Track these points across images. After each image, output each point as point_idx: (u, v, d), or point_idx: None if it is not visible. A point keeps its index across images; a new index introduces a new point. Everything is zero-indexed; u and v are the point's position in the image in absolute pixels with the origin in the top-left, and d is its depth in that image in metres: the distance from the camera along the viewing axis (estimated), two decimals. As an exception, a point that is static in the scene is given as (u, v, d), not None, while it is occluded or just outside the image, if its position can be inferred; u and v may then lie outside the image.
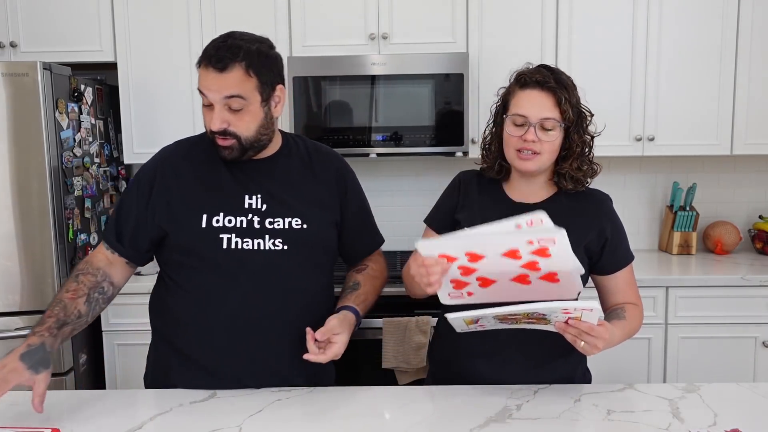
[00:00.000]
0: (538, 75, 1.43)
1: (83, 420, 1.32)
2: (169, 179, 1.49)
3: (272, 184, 1.50)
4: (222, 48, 1.39)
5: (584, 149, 1.47)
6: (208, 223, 1.44)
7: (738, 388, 1.45)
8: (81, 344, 2.55)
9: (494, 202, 1.53)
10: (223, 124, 1.40)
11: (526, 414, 1.32)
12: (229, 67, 1.38)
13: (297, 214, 1.48)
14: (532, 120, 1.41)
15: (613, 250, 1.51)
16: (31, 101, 2.35)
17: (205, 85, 1.40)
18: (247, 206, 1.47)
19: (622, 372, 2.57)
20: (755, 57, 2.74)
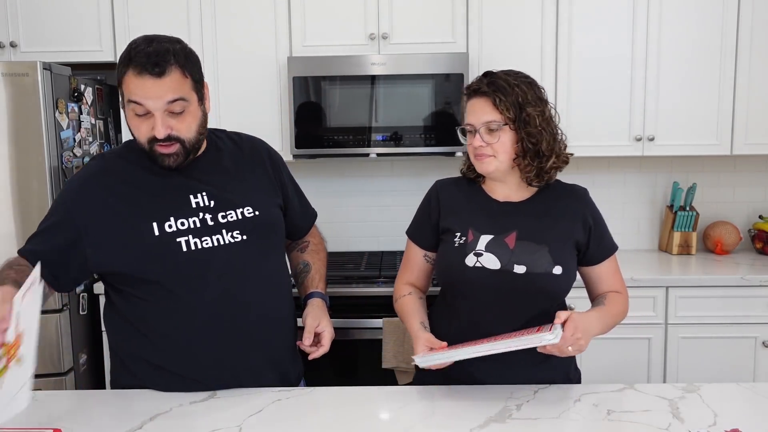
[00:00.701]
0: (475, 84, 1.51)
1: (83, 420, 1.32)
2: (102, 201, 1.42)
3: (213, 179, 1.49)
4: (152, 54, 1.34)
5: (533, 143, 1.48)
6: (161, 230, 1.40)
7: (738, 388, 1.44)
8: (81, 344, 2.55)
9: (480, 205, 1.56)
10: (168, 129, 1.37)
11: (526, 414, 1.32)
12: (167, 71, 1.34)
13: (247, 203, 1.49)
14: (476, 126, 1.48)
15: (598, 240, 1.56)
16: (31, 101, 2.35)
17: (142, 94, 1.34)
18: (195, 206, 1.45)
19: (622, 372, 2.57)
20: (755, 57, 2.74)
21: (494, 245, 1.48)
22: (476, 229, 1.51)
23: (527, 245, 1.48)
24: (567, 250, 1.51)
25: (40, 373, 2.38)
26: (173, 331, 1.43)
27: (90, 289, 2.60)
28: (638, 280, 2.55)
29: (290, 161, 2.83)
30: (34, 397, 1.44)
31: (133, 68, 1.34)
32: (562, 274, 1.47)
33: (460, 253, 1.49)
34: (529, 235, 1.49)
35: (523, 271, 1.46)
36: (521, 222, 1.51)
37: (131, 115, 1.39)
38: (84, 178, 1.47)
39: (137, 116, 1.38)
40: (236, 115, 2.78)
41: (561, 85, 2.77)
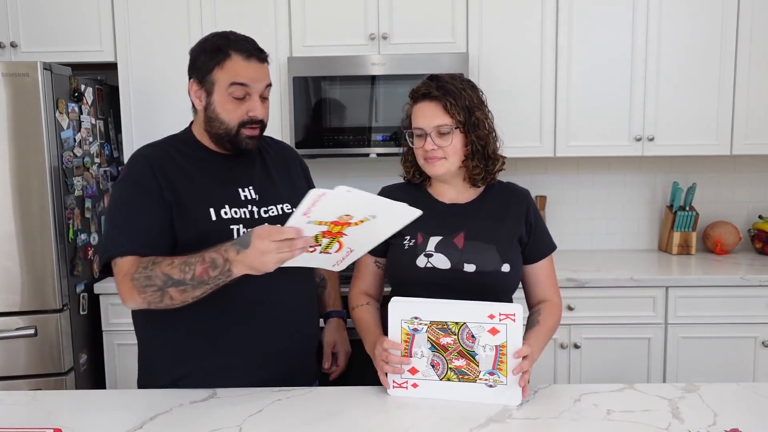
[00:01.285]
0: (423, 88, 1.53)
1: (83, 420, 1.32)
2: (168, 178, 1.47)
3: (257, 175, 1.56)
4: (252, 42, 1.48)
5: (482, 145, 1.54)
6: (218, 216, 1.46)
7: (738, 388, 1.45)
8: (81, 344, 2.55)
9: (428, 208, 1.56)
10: (261, 109, 1.49)
11: (526, 414, 1.32)
12: (265, 60, 1.50)
13: (286, 200, 1.56)
14: (427, 129, 1.51)
15: (538, 238, 1.61)
16: (32, 101, 2.35)
17: (249, 76, 1.45)
18: (243, 198, 1.51)
19: (622, 372, 2.57)
20: (755, 57, 2.74)
21: (443, 246, 1.52)
22: (425, 231, 1.54)
23: (476, 245, 1.52)
24: (513, 248, 1.56)
25: (41, 373, 2.40)
26: (219, 317, 1.47)
27: (90, 289, 2.60)
28: (638, 280, 2.55)
29: (290, 161, 2.84)
30: (34, 396, 1.44)
31: (241, 53, 1.45)
32: (510, 271, 1.52)
33: (410, 255, 1.53)
34: (476, 235, 1.54)
35: (473, 270, 1.50)
36: (468, 222, 1.55)
37: (227, 99, 1.46)
38: (145, 160, 1.49)
39: (235, 99, 1.46)
40: (236, 115, 2.78)
41: (561, 85, 2.77)
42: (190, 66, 1.51)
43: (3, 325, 2.37)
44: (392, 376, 1.41)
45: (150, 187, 1.45)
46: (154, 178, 1.46)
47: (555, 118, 2.80)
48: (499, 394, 1.35)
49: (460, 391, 1.37)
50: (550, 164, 3.16)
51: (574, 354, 2.59)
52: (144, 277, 1.34)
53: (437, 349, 1.38)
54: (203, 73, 1.47)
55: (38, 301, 2.40)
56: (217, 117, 1.48)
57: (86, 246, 2.62)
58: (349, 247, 1.37)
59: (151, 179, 1.46)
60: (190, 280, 1.31)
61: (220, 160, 1.54)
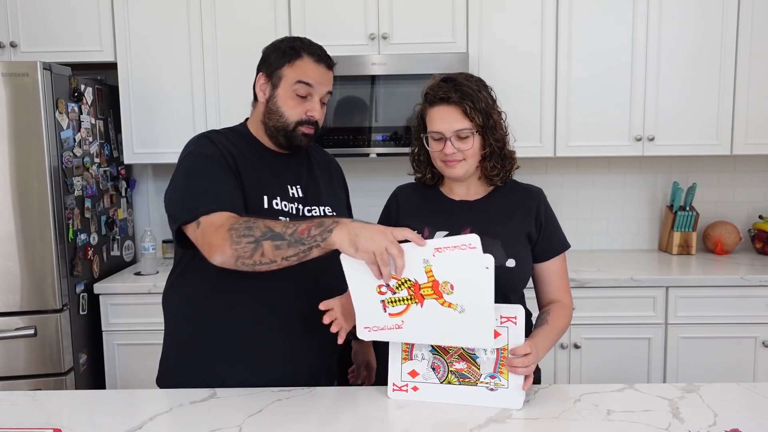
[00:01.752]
0: (440, 92, 1.52)
1: (83, 420, 1.32)
2: (233, 157, 1.51)
3: (304, 176, 1.62)
4: (323, 49, 1.58)
5: (500, 146, 1.56)
6: (270, 205, 1.50)
7: (738, 388, 1.45)
8: (81, 344, 2.55)
9: (437, 206, 1.61)
10: (321, 114, 1.57)
11: (526, 414, 1.32)
12: (332, 68, 1.58)
13: (328, 203, 1.62)
14: (447, 134, 1.51)
15: (548, 236, 1.59)
16: (31, 101, 2.35)
17: (316, 79, 1.53)
18: (291, 195, 1.56)
19: (622, 372, 2.57)
20: (755, 57, 2.74)
21: None
22: (432, 225, 1.55)
23: (481, 240, 1.49)
24: (520, 243, 1.54)
25: (40, 374, 2.40)
26: (259, 305, 1.50)
27: (90, 289, 2.60)
28: (638, 280, 2.55)
29: (290, 161, 2.84)
30: (34, 396, 1.44)
31: (312, 56, 1.54)
32: (515, 266, 1.51)
33: None
34: (482, 231, 1.50)
35: None
36: (475, 218, 1.56)
37: (290, 95, 1.53)
38: (211, 141, 1.52)
39: (298, 97, 1.53)
40: (236, 115, 2.77)
41: (561, 85, 2.77)
42: (261, 61, 1.59)
43: (3, 325, 2.37)
44: (392, 379, 1.41)
45: (222, 161, 1.49)
46: (222, 155, 1.50)
47: (555, 118, 2.80)
48: (500, 398, 1.34)
49: (460, 395, 1.37)
50: (550, 164, 3.16)
51: (574, 354, 2.59)
52: (244, 227, 1.33)
53: (438, 352, 1.38)
54: (273, 68, 1.55)
55: (38, 301, 2.40)
56: (278, 110, 1.54)
57: (86, 246, 2.62)
58: (405, 320, 1.32)
59: (221, 155, 1.50)
60: (289, 235, 1.30)
61: (272, 156, 1.59)
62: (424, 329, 1.32)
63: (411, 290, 1.30)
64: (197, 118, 2.78)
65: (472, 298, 1.28)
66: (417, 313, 1.31)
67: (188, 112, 2.79)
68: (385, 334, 1.34)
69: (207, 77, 2.78)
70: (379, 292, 1.31)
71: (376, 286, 1.31)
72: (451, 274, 1.28)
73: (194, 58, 2.78)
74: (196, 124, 2.77)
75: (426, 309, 1.30)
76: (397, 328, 1.33)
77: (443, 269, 1.28)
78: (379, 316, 1.33)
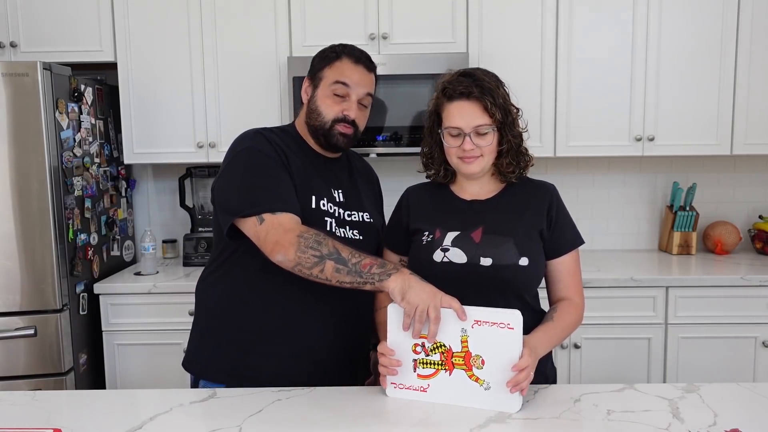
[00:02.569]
0: (461, 86, 1.49)
1: (83, 420, 1.32)
2: (286, 155, 1.55)
3: (345, 181, 1.67)
4: (365, 53, 1.63)
5: (517, 143, 1.55)
6: (317, 205, 1.55)
7: (738, 388, 1.44)
8: (81, 344, 2.55)
9: (449, 205, 1.60)
10: (357, 113, 1.59)
11: (526, 414, 1.32)
12: (373, 71, 1.63)
13: (366, 209, 1.67)
14: (466, 130, 1.48)
15: (560, 230, 1.57)
16: (31, 101, 2.35)
17: (353, 79, 1.58)
18: (334, 198, 1.61)
19: (622, 372, 2.57)
20: (755, 57, 2.74)
21: (460, 240, 1.51)
22: (443, 227, 1.54)
23: (493, 238, 1.50)
24: (533, 241, 1.52)
25: (40, 374, 2.40)
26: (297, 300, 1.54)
27: (90, 289, 2.60)
28: (638, 280, 2.55)
29: (290, 161, 2.84)
30: (34, 397, 1.44)
31: (351, 57, 1.59)
32: (528, 265, 1.48)
33: (428, 250, 1.52)
34: (494, 229, 1.52)
35: (489, 264, 1.47)
36: (488, 217, 1.54)
37: (328, 94, 1.58)
38: (264, 139, 1.55)
39: (335, 96, 1.58)
40: (236, 114, 2.78)
41: (561, 85, 2.77)
42: (310, 68, 1.66)
43: (3, 325, 2.37)
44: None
45: (278, 160, 1.52)
46: (278, 154, 1.53)
47: (555, 118, 2.80)
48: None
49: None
50: (550, 164, 3.16)
51: (574, 354, 2.59)
52: (314, 240, 1.39)
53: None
54: (315, 70, 1.62)
55: (38, 301, 2.40)
56: (317, 109, 1.59)
57: (86, 246, 2.62)
58: (431, 384, 1.37)
59: (277, 154, 1.53)
60: (353, 264, 1.36)
61: (317, 158, 1.63)
62: (448, 396, 1.36)
63: (444, 356, 1.35)
64: (197, 118, 2.78)
65: (501, 377, 1.31)
66: (444, 379, 1.36)
67: (188, 112, 2.79)
68: (410, 393, 1.38)
69: (207, 77, 2.78)
70: (414, 350, 1.37)
71: (413, 344, 1.36)
72: (485, 348, 1.32)
73: (194, 58, 2.78)
74: (195, 124, 2.77)
75: (453, 378, 1.35)
76: (422, 390, 1.37)
77: (478, 342, 1.33)
78: (408, 374, 1.38)
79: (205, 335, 1.64)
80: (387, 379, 1.39)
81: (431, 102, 1.57)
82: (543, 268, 1.55)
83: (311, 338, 1.57)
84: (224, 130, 2.77)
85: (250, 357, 1.56)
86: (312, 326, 1.57)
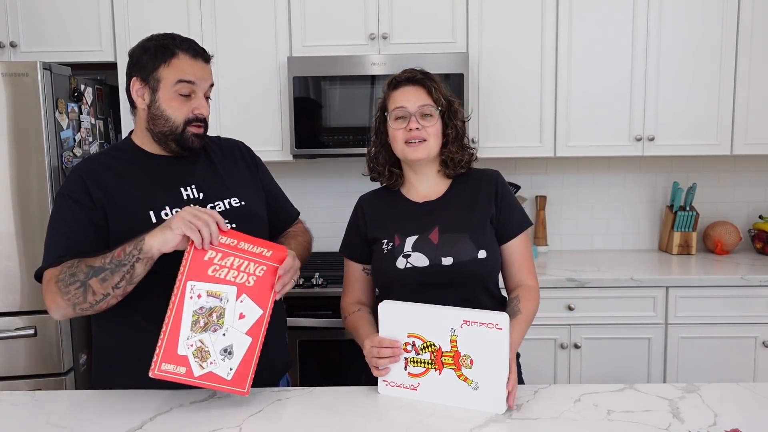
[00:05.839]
0: (406, 74, 1.58)
1: (83, 420, 1.32)
2: (102, 189, 1.46)
3: (200, 173, 1.56)
4: (196, 43, 1.52)
5: (460, 134, 1.61)
6: (158, 218, 1.45)
7: (738, 388, 1.45)
8: (81, 344, 2.55)
9: (402, 210, 1.62)
10: (208, 110, 1.52)
11: (526, 414, 1.32)
12: (209, 61, 1.54)
13: (233, 194, 1.56)
14: (411, 109, 1.55)
15: (507, 215, 1.60)
16: (31, 101, 2.35)
17: (196, 74, 1.48)
18: (186, 197, 1.51)
19: (622, 372, 2.57)
20: (755, 57, 2.74)
21: (420, 244, 1.54)
22: (401, 232, 1.57)
23: (450, 237, 1.54)
24: (487, 232, 1.56)
25: (40, 374, 2.39)
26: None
27: (90, 289, 2.60)
28: (638, 280, 2.55)
29: (290, 161, 2.84)
30: (33, 396, 1.44)
31: (188, 51, 1.48)
32: (487, 257, 1.53)
33: (390, 258, 1.55)
34: (450, 227, 1.56)
35: (450, 262, 1.51)
36: (441, 217, 1.57)
37: (173, 96, 1.47)
38: (77, 175, 1.48)
39: (181, 97, 1.48)
40: (236, 115, 2.78)
41: (561, 85, 2.77)
42: (131, 65, 1.51)
43: (3, 325, 2.37)
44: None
45: (81, 199, 1.44)
46: (85, 190, 1.45)
47: (555, 118, 2.80)
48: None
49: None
50: (550, 164, 3.16)
51: (574, 354, 2.59)
52: (68, 275, 1.35)
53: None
54: (148, 71, 1.48)
55: (38, 301, 2.40)
56: (162, 114, 1.48)
57: (86, 246, 2.62)
58: (421, 383, 1.39)
59: (82, 192, 1.45)
60: (109, 263, 1.32)
61: (159, 162, 1.53)
62: (437, 395, 1.38)
63: (433, 355, 1.37)
64: (197, 118, 2.78)
65: (489, 377, 1.33)
66: (434, 378, 1.38)
67: (188, 112, 2.79)
68: (401, 391, 1.41)
69: (207, 77, 2.77)
70: (405, 349, 1.39)
71: (404, 343, 1.39)
72: (473, 348, 1.34)
73: (194, 58, 2.77)
74: (196, 124, 2.77)
75: (443, 377, 1.37)
76: (412, 389, 1.40)
77: (467, 342, 1.34)
78: (399, 373, 1.40)
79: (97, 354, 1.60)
80: (379, 379, 1.42)
81: (378, 102, 1.63)
82: (499, 256, 1.59)
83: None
84: (224, 130, 2.75)
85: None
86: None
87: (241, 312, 1.35)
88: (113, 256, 1.32)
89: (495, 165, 3.14)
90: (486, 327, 1.32)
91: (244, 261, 1.35)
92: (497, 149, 2.81)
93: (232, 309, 1.34)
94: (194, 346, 1.31)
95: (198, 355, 1.31)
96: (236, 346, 1.34)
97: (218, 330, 1.33)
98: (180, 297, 1.29)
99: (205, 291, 1.32)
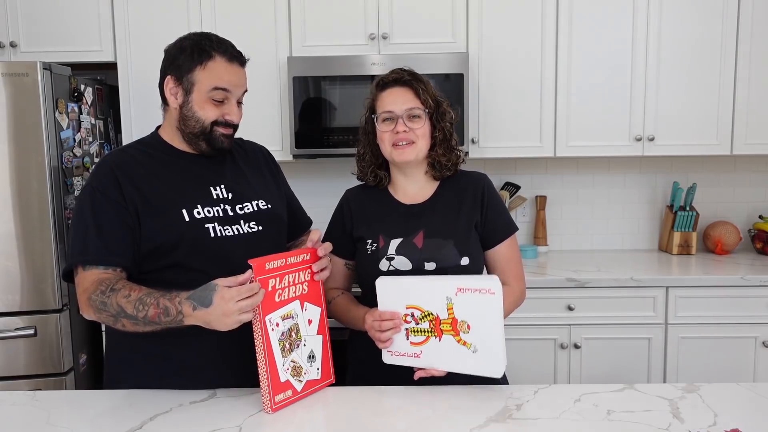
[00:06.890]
0: (393, 74, 1.57)
1: (83, 420, 1.32)
2: (133, 184, 1.45)
3: (228, 174, 1.57)
4: (233, 45, 1.50)
5: (447, 136, 1.59)
6: (191, 216, 1.46)
7: (738, 388, 1.44)
8: (81, 344, 2.55)
9: (388, 209, 1.62)
10: (239, 116, 1.52)
11: (526, 414, 1.32)
12: (245, 64, 1.52)
13: (260, 196, 1.58)
14: (399, 112, 1.54)
15: (492, 220, 1.60)
16: (31, 101, 2.35)
17: (232, 81, 1.48)
18: (215, 197, 1.52)
19: (622, 372, 2.57)
20: (755, 57, 2.74)
21: (404, 247, 1.54)
22: (386, 234, 1.56)
23: (434, 242, 1.53)
24: (471, 239, 1.56)
25: (40, 374, 2.40)
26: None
27: (90, 289, 2.60)
28: (638, 280, 2.55)
29: (290, 161, 2.84)
30: (33, 396, 1.44)
31: (224, 55, 1.46)
32: (469, 264, 1.53)
33: (373, 260, 1.55)
34: (435, 232, 1.55)
35: (433, 268, 1.52)
36: (427, 220, 1.57)
37: (207, 101, 1.47)
38: (108, 168, 1.47)
39: (214, 102, 1.47)
40: (236, 115, 2.78)
41: (561, 85, 2.77)
42: (167, 64, 1.50)
43: (3, 325, 2.37)
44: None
45: (111, 195, 1.43)
46: (117, 185, 1.44)
47: (555, 118, 2.80)
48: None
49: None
50: (550, 164, 3.16)
51: (574, 354, 2.59)
52: (100, 302, 1.36)
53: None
54: (183, 71, 1.46)
55: (38, 301, 2.40)
56: (194, 115, 1.48)
57: (86, 246, 2.62)
58: (423, 351, 1.44)
59: (113, 186, 1.44)
60: (142, 319, 1.33)
61: (189, 161, 1.54)
62: (440, 361, 1.43)
63: (432, 323, 1.42)
64: (197, 118, 2.78)
65: (485, 340, 1.39)
66: (435, 345, 1.43)
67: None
68: (405, 360, 1.46)
69: (207, 77, 2.78)
70: (405, 320, 1.44)
71: (403, 315, 1.44)
72: (469, 314, 1.39)
73: (194, 58, 2.77)
74: (196, 124, 2.77)
75: (443, 343, 1.42)
76: (415, 356, 1.45)
77: (463, 309, 1.39)
78: (402, 342, 1.46)
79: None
80: (383, 350, 1.47)
81: (366, 102, 1.62)
82: (483, 262, 1.60)
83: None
84: (224, 130, 2.76)
85: None
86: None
87: (309, 318, 1.44)
88: (147, 316, 1.32)
89: (495, 165, 3.16)
90: (479, 293, 1.36)
91: (296, 273, 1.41)
92: (497, 149, 2.81)
93: (302, 320, 1.42)
94: (290, 369, 1.38)
95: (295, 374, 1.39)
96: (315, 349, 1.45)
97: (300, 343, 1.41)
98: (264, 333, 1.33)
99: (280, 317, 1.37)
